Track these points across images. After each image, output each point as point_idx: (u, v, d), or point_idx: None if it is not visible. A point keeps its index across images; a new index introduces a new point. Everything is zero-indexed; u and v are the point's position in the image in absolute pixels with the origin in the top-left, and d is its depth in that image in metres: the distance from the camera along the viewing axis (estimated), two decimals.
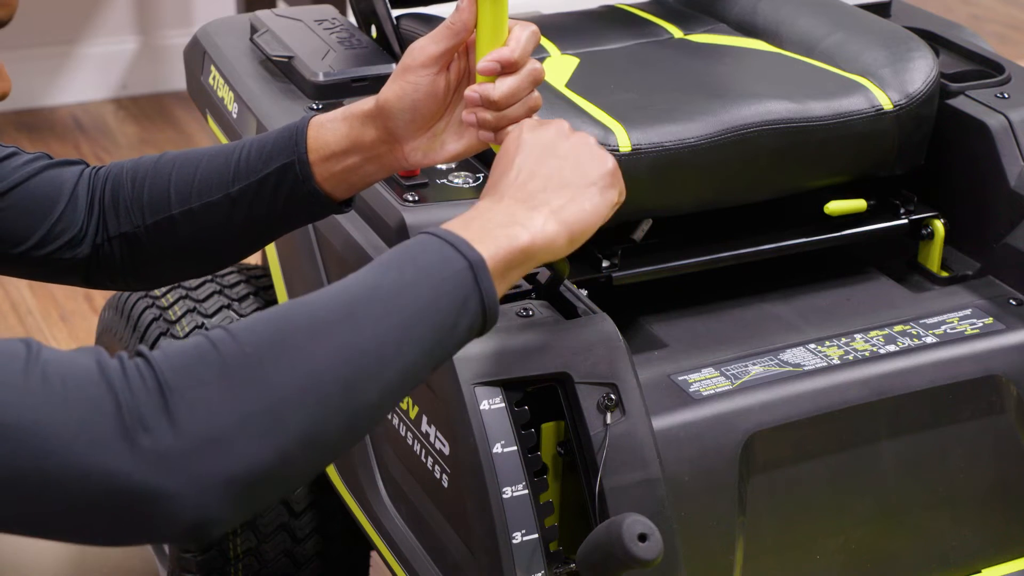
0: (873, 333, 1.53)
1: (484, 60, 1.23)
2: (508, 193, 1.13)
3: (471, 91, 1.23)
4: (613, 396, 1.31)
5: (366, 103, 1.28)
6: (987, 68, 1.77)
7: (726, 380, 1.44)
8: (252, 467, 0.96)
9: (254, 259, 2.09)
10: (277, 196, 1.30)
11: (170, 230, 1.33)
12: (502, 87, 1.22)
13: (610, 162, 1.17)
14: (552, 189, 1.14)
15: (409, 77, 1.25)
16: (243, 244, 1.36)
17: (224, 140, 1.85)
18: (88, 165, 1.38)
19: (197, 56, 1.94)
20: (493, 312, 1.07)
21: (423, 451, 1.41)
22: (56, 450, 0.93)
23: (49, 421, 0.93)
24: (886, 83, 1.65)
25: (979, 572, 1.52)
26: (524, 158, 1.16)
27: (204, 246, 1.34)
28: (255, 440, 0.96)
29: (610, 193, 1.16)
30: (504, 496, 1.28)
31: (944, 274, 1.70)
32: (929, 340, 1.52)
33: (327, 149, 1.28)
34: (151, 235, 1.34)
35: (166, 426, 0.94)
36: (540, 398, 1.34)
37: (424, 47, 1.25)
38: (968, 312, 1.57)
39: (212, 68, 1.88)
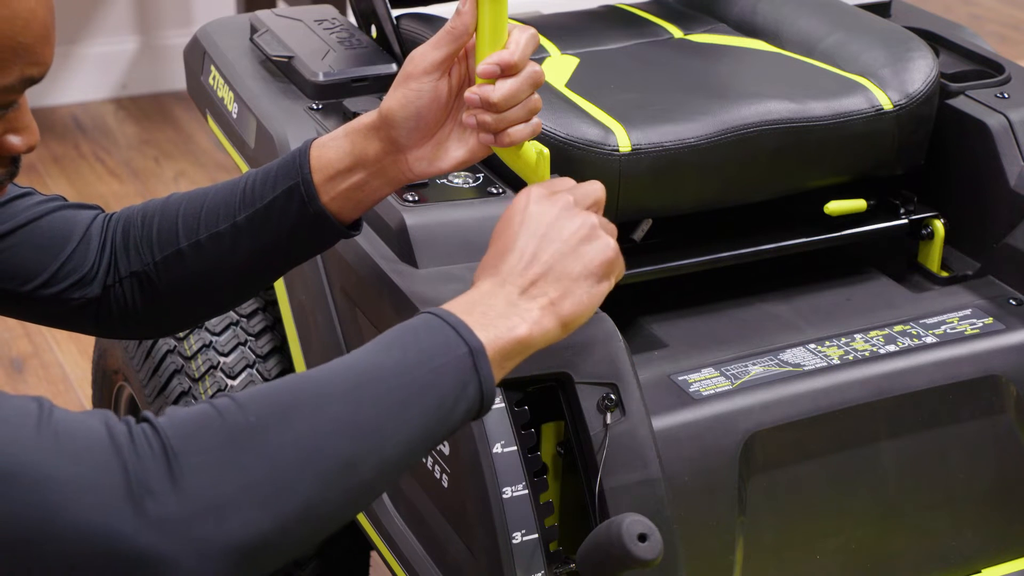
0: (873, 333, 1.53)
1: (484, 63, 1.23)
2: (509, 279, 1.17)
3: (471, 93, 1.23)
4: (613, 396, 1.31)
5: (368, 116, 1.28)
6: (987, 68, 1.77)
7: (726, 380, 1.44)
8: (251, 536, 0.98)
9: None
10: (284, 221, 1.30)
11: (179, 264, 1.33)
12: (501, 89, 1.22)
13: (611, 249, 1.20)
14: (551, 280, 1.17)
15: (412, 84, 1.25)
16: (252, 278, 1.36)
17: (224, 140, 1.86)
18: (103, 211, 1.39)
19: (197, 56, 1.94)
20: (490, 397, 1.11)
21: None
22: (63, 507, 0.94)
23: (59, 477, 0.95)
24: (886, 83, 1.65)
25: (979, 572, 1.52)
26: (527, 240, 1.18)
27: (213, 280, 1.34)
28: (255, 509, 0.98)
29: (606, 284, 1.20)
30: (504, 496, 1.28)
31: (944, 274, 1.70)
32: (929, 340, 1.52)
33: (331, 168, 1.28)
34: (160, 272, 1.34)
35: (170, 491, 0.96)
36: (540, 398, 1.34)
37: (425, 53, 1.26)
38: (968, 312, 1.57)
39: (212, 68, 1.88)
